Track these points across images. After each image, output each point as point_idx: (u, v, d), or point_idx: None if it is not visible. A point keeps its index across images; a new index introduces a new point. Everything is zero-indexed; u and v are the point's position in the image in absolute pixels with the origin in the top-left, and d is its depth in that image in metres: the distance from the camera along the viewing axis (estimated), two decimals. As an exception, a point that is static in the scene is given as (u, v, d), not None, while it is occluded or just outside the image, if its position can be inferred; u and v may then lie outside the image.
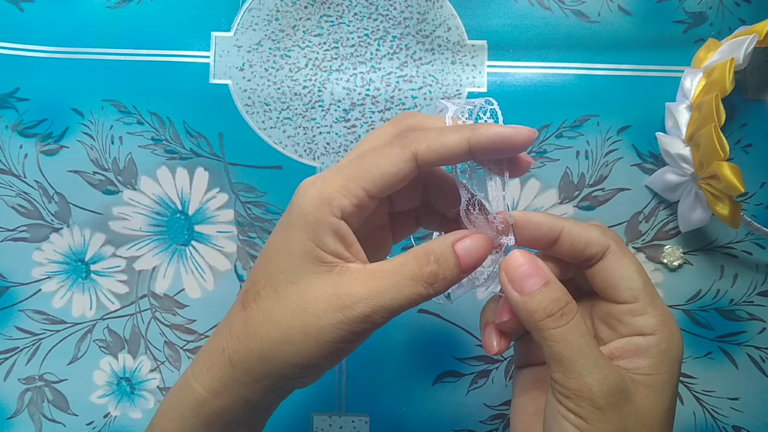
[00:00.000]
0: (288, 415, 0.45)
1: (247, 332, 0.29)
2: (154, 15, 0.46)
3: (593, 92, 0.45)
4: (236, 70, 0.46)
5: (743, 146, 0.45)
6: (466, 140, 0.28)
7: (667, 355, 0.28)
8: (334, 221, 0.27)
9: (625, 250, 0.29)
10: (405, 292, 0.27)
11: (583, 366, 0.27)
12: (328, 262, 0.28)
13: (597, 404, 0.26)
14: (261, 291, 0.29)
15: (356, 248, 0.29)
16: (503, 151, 0.28)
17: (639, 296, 0.29)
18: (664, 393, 0.28)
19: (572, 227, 0.29)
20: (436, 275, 0.28)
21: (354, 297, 0.27)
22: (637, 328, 0.28)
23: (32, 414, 0.45)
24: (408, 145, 0.28)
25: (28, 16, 0.46)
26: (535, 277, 0.28)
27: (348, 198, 0.27)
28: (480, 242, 0.29)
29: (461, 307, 0.45)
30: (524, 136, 0.28)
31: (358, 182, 0.28)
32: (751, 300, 0.45)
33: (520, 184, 0.45)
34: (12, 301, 0.46)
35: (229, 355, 0.29)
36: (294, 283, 0.28)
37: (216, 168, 0.46)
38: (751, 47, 0.41)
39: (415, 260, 0.28)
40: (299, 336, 0.27)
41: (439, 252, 0.28)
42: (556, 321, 0.27)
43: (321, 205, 0.27)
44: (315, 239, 0.28)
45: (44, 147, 0.46)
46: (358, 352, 0.45)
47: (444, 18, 0.46)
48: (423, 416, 0.45)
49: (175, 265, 0.46)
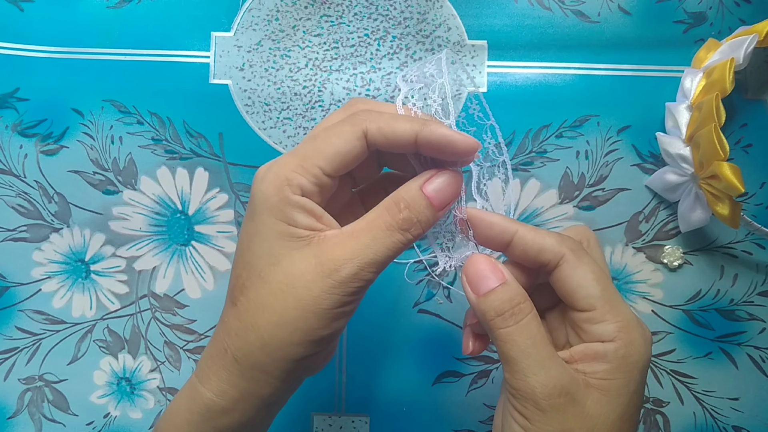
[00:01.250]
0: (288, 415, 0.45)
1: (243, 326, 0.29)
2: (154, 15, 0.46)
3: (593, 92, 0.45)
4: (236, 70, 0.46)
5: (743, 146, 0.45)
6: (415, 133, 0.28)
7: (626, 361, 0.28)
8: (297, 199, 0.28)
9: (583, 258, 0.29)
10: (385, 243, 0.28)
11: (527, 367, 0.27)
12: (304, 236, 0.28)
13: (539, 405, 0.27)
14: (245, 282, 0.29)
15: (327, 218, 0.29)
16: (445, 154, 0.29)
17: (596, 304, 0.28)
18: (619, 398, 0.28)
19: (526, 233, 0.30)
20: (410, 221, 0.28)
21: (338, 260, 0.27)
22: (596, 335, 0.29)
23: (32, 414, 0.45)
24: (359, 123, 0.28)
25: (28, 16, 0.46)
26: (491, 278, 0.29)
27: (305, 177, 0.28)
28: (448, 178, 0.29)
29: (461, 307, 0.45)
30: (468, 145, 0.28)
31: (313, 161, 0.28)
32: (751, 300, 0.45)
33: (520, 184, 0.45)
34: (12, 301, 0.46)
35: (232, 354, 0.29)
36: (275, 264, 0.28)
37: (216, 168, 0.46)
38: (751, 47, 0.41)
39: (387, 211, 0.28)
40: (296, 312, 0.28)
41: (409, 198, 0.29)
42: (504, 321, 0.28)
43: (281, 187, 0.28)
44: (285, 218, 0.28)
45: (44, 147, 0.46)
46: (358, 352, 0.45)
47: (444, 18, 0.46)
48: (423, 416, 0.45)
49: (175, 265, 0.46)
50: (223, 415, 0.30)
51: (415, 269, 0.45)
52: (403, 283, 0.45)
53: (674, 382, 0.45)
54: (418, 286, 0.45)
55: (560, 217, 0.45)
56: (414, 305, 0.45)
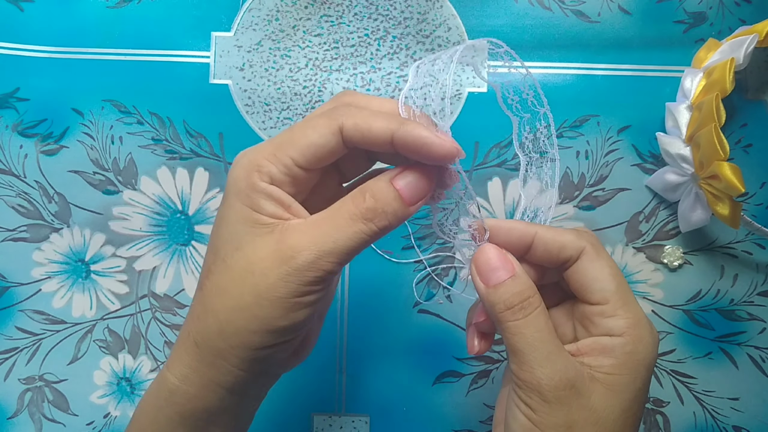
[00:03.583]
0: (288, 415, 0.45)
1: (204, 309, 0.29)
2: (154, 15, 0.46)
3: (593, 92, 0.45)
4: (236, 70, 0.46)
5: (743, 146, 0.45)
6: (391, 132, 0.27)
7: (632, 357, 0.28)
8: (264, 186, 0.28)
9: (601, 253, 0.29)
10: (346, 232, 0.27)
11: (534, 359, 0.27)
12: (268, 223, 0.28)
13: (544, 397, 0.27)
14: (211, 266, 0.29)
15: (296, 208, 0.29)
16: (421, 156, 0.28)
17: (610, 298, 0.29)
18: (624, 394, 0.28)
19: (545, 232, 0.30)
20: (374, 210, 0.28)
21: (296, 247, 0.27)
22: (605, 329, 0.29)
23: (32, 414, 0.45)
24: (335, 117, 0.28)
25: (28, 16, 0.46)
26: (502, 270, 0.29)
27: (276, 165, 0.28)
28: (420, 173, 0.28)
29: (461, 307, 0.45)
30: (446, 149, 0.27)
31: (286, 151, 0.28)
32: (752, 300, 0.45)
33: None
34: (12, 301, 0.46)
35: (193, 338, 0.29)
36: (238, 249, 0.28)
37: (216, 168, 0.46)
38: (751, 47, 0.41)
39: (351, 199, 0.28)
40: (251, 299, 0.27)
41: (375, 188, 0.28)
42: (514, 314, 0.28)
43: (251, 172, 0.28)
44: (251, 204, 0.28)
45: (44, 147, 0.46)
46: (358, 352, 0.45)
47: (444, 18, 0.46)
48: (423, 416, 0.45)
49: (175, 265, 0.46)
50: (186, 401, 0.29)
51: (415, 269, 0.45)
52: (403, 283, 0.45)
53: (674, 382, 0.45)
54: (418, 286, 0.45)
55: (560, 217, 0.45)
56: (414, 305, 0.45)
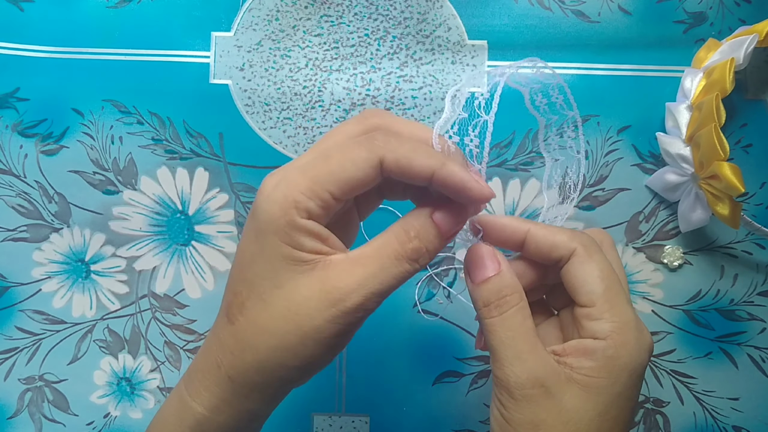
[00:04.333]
0: (288, 415, 0.45)
1: (240, 346, 0.28)
2: (154, 15, 0.46)
3: (593, 92, 0.45)
4: (236, 70, 0.46)
5: (743, 146, 0.45)
6: (432, 171, 0.27)
7: (612, 361, 0.28)
8: (304, 222, 0.27)
9: (594, 255, 0.29)
10: (392, 272, 0.28)
11: (505, 357, 0.28)
12: (309, 260, 0.28)
13: (512, 394, 0.28)
14: (245, 302, 0.28)
15: (333, 240, 0.28)
16: (458, 197, 0.28)
17: (596, 301, 0.28)
18: (600, 397, 0.28)
19: (538, 230, 0.30)
20: (419, 251, 0.28)
21: (344, 289, 0.27)
22: (590, 332, 0.29)
23: (32, 414, 0.45)
24: (376, 150, 0.27)
25: (28, 16, 0.46)
26: (488, 268, 0.29)
27: (314, 201, 0.27)
28: (456, 210, 0.29)
29: (461, 307, 0.45)
30: (482, 194, 0.27)
31: (324, 185, 0.27)
32: (752, 300, 0.45)
33: (520, 184, 0.45)
34: (12, 301, 0.46)
35: (226, 371, 0.29)
36: (279, 287, 0.28)
37: (216, 168, 0.46)
38: (751, 47, 0.41)
39: (396, 239, 0.28)
40: (296, 339, 0.27)
41: (419, 225, 0.28)
42: (489, 311, 0.29)
43: (288, 209, 0.27)
44: (290, 242, 0.27)
45: (44, 147, 0.46)
46: (358, 352, 0.45)
47: (444, 18, 0.46)
48: (423, 416, 0.45)
49: (175, 265, 0.46)
50: (215, 429, 0.30)
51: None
52: (403, 283, 0.45)
53: (674, 382, 0.45)
54: (418, 286, 0.45)
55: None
56: (414, 305, 0.45)
